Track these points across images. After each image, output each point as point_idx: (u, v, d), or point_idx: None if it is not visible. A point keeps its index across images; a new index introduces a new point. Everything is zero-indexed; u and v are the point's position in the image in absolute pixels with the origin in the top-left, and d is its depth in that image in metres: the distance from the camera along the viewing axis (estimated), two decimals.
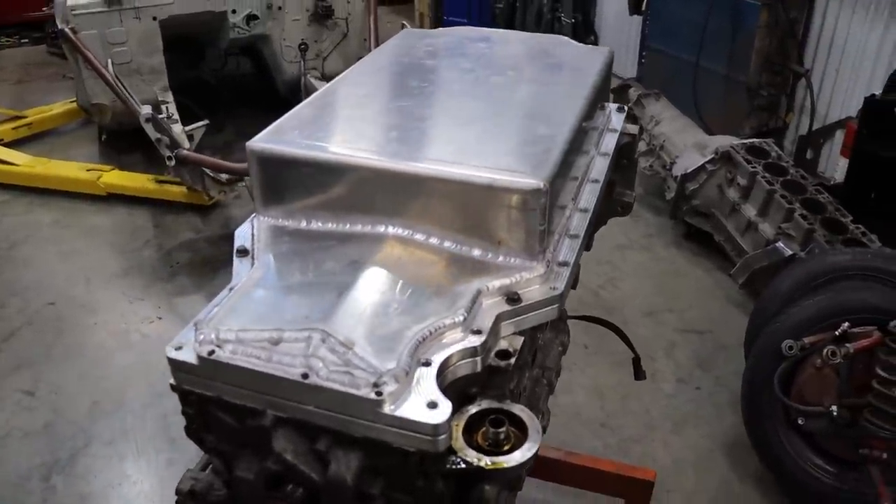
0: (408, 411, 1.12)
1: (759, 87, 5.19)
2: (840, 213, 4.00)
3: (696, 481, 3.25)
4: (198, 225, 5.08)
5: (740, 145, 4.44)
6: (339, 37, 5.87)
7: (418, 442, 1.13)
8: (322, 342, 1.18)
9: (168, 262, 4.72)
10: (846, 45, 4.90)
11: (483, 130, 1.54)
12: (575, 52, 1.95)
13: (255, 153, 1.50)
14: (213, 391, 1.23)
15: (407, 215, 1.42)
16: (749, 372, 3.17)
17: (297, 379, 1.15)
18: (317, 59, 5.88)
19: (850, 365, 2.86)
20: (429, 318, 1.24)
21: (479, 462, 1.16)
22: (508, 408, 1.25)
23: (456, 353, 1.22)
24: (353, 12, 5.83)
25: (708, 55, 5.43)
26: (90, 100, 5.39)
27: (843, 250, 3.52)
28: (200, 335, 1.22)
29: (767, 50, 5.06)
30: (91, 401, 3.68)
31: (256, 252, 1.43)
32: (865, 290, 3.10)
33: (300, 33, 5.71)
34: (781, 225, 4.05)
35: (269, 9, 5.56)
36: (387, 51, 1.99)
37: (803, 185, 4.19)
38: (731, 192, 4.43)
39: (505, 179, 1.33)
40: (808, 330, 2.99)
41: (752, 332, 3.51)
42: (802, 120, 5.29)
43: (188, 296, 4.42)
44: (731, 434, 3.44)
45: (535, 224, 1.33)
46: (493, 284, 1.33)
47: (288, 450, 1.18)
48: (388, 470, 1.19)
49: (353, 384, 1.13)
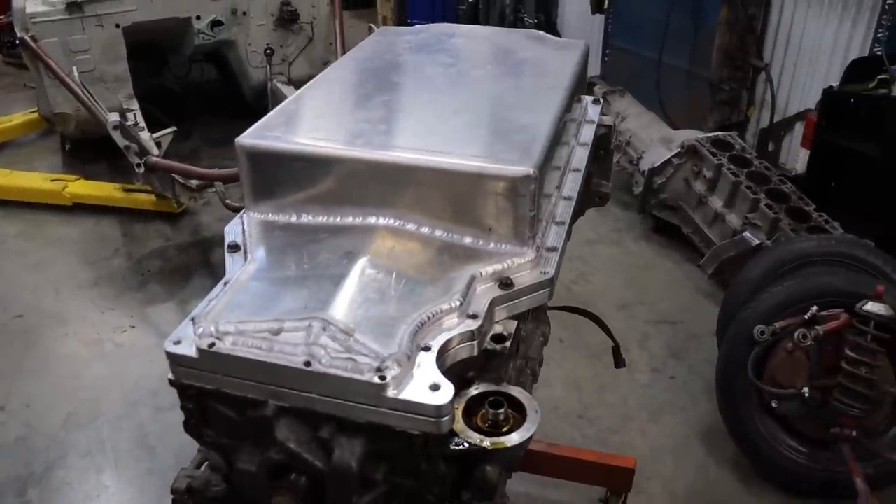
0: (411, 394, 1.14)
1: (720, 82, 5.30)
2: (803, 202, 4.11)
3: (675, 467, 3.31)
4: (167, 233, 5.04)
5: (705, 139, 4.54)
6: (305, 41, 5.86)
7: (422, 424, 1.15)
8: (323, 330, 1.20)
9: (138, 270, 4.67)
10: (802, 40, 5.03)
11: (468, 121, 1.57)
12: (552, 45, 1.99)
13: (244, 149, 1.51)
14: (213, 384, 1.24)
15: (397, 206, 1.44)
16: (723, 358, 3.24)
17: (299, 367, 1.16)
18: (283, 63, 5.87)
19: (820, 347, 2.95)
20: (426, 305, 1.26)
21: (481, 443, 1.19)
22: (506, 390, 1.28)
23: (454, 338, 1.25)
24: (318, 16, 5.83)
25: (670, 52, 5.53)
26: (53, 109, 5.32)
27: (809, 237, 3.61)
28: (199, 328, 1.23)
29: (728, 46, 5.17)
30: (65, 412, 3.62)
31: (249, 246, 1.44)
32: (831, 274, 3.19)
33: (266, 38, 5.69)
34: (748, 215, 4.14)
35: (234, 14, 5.53)
36: (367, 48, 2.01)
37: (767, 175, 4.29)
38: (697, 185, 4.52)
39: (495, 167, 1.36)
40: (778, 315, 3.07)
41: (723, 319, 3.59)
42: (763, 113, 5.42)
43: (160, 304, 4.38)
44: (706, 420, 3.51)
45: (525, 210, 1.37)
46: (486, 270, 1.36)
47: (291, 439, 1.19)
48: (391, 454, 1.21)
49: (357, 370, 1.14)
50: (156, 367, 3.91)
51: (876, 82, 4.15)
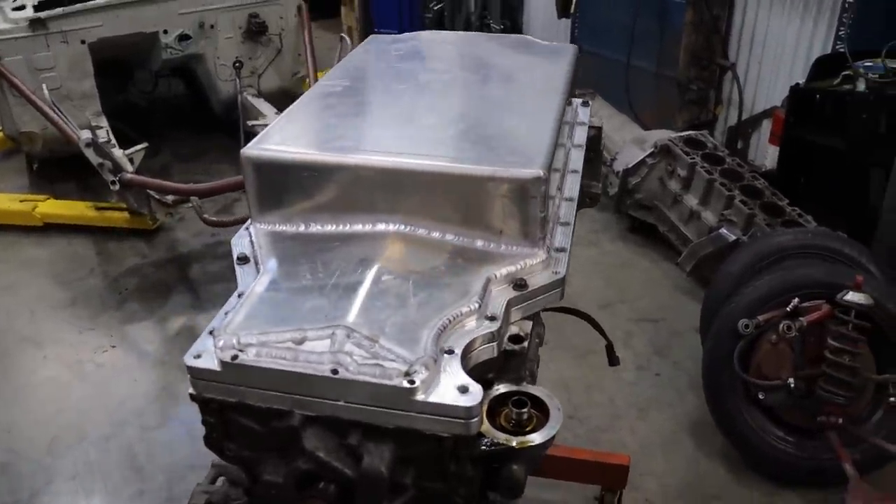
0: (440, 397, 1.15)
1: (688, 82, 5.39)
2: (776, 197, 4.20)
3: (666, 463, 3.35)
4: (143, 250, 4.97)
5: (678, 138, 4.61)
6: (274, 53, 5.84)
7: (451, 426, 1.16)
8: (347, 337, 1.20)
9: (116, 289, 4.60)
10: (766, 39, 5.14)
11: (472, 126, 1.59)
12: (543, 50, 2.02)
13: (250, 160, 1.50)
14: (236, 396, 1.23)
15: (407, 212, 1.45)
16: (708, 353, 3.29)
17: (326, 375, 1.16)
18: (252, 76, 5.83)
19: (803, 338, 3.02)
20: (446, 308, 1.27)
21: (508, 442, 1.20)
22: (527, 389, 1.29)
23: (476, 340, 1.26)
24: (286, 28, 5.81)
25: (638, 54, 5.62)
26: (18, 128, 5.23)
27: (786, 231, 3.69)
28: (220, 341, 1.22)
29: (694, 47, 5.27)
30: (49, 436, 3.55)
31: (259, 258, 1.43)
32: (810, 266, 3.27)
33: (234, 51, 5.66)
34: (723, 212, 4.22)
35: (202, 27, 5.49)
36: (359, 56, 2.02)
37: (740, 172, 4.38)
38: (672, 184, 4.59)
39: (506, 171, 1.38)
40: (761, 308, 3.13)
41: (706, 315, 3.65)
42: (731, 112, 5.53)
43: (140, 322, 4.32)
44: (693, 415, 3.57)
45: (535, 212, 1.39)
46: (500, 272, 1.37)
47: (320, 447, 1.19)
48: (419, 458, 1.21)
49: (385, 375, 1.15)
50: (140, 386, 3.87)
51: (840, 78, 4.27)
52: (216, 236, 5.05)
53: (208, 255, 4.90)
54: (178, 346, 4.11)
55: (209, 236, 5.05)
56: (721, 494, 3.20)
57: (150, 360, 4.07)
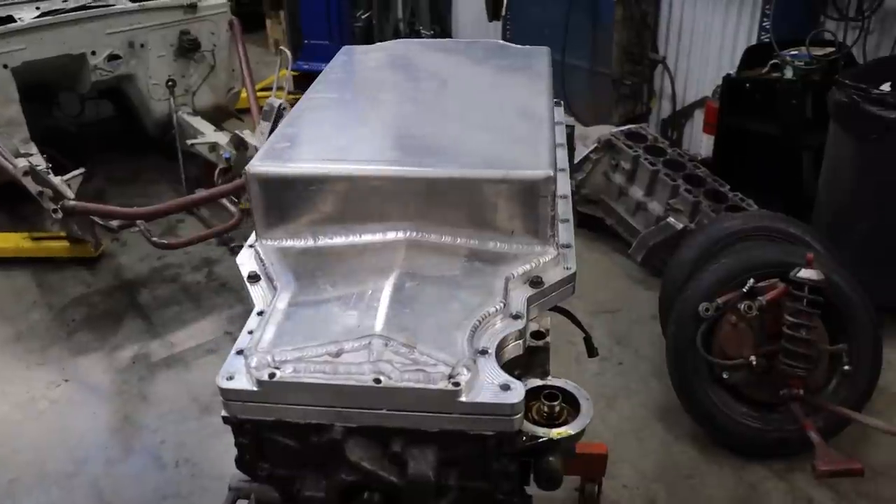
0: (485, 396, 1.17)
1: (622, 77, 5.55)
2: (718, 183, 4.37)
3: (639, 448, 3.44)
4: (87, 279, 4.81)
5: (619, 132, 4.74)
6: (207, 70, 5.73)
7: (496, 424, 1.18)
8: (385, 346, 1.21)
9: (62, 321, 4.44)
10: (693, 32, 5.35)
11: (472, 131, 1.61)
12: (518, 53, 2.07)
13: (256, 177, 1.49)
14: (273, 415, 1.22)
15: (419, 218, 1.47)
16: (672, 338, 3.39)
17: (369, 385, 1.17)
18: (186, 94, 5.71)
19: (762, 316, 3.15)
20: (474, 310, 1.29)
21: (546, 435, 1.23)
22: (555, 382, 1.33)
23: (505, 338, 1.28)
24: (218, 44, 5.70)
25: (572, 53, 5.75)
26: None
27: (734, 216, 3.84)
28: (253, 360, 1.21)
29: (625, 42, 5.43)
30: (6, 479, 3.40)
31: (273, 274, 1.42)
32: (762, 247, 3.42)
33: (166, 70, 5.53)
34: (669, 201, 4.36)
35: (131, 47, 5.34)
36: (339, 68, 2.01)
37: (682, 162, 4.53)
38: (616, 178, 4.71)
39: (516, 172, 1.41)
40: (719, 291, 3.25)
41: (664, 302, 3.76)
42: (664, 104, 5.72)
43: (93, 353, 4.18)
44: (660, 400, 3.67)
45: (546, 211, 1.42)
46: (517, 271, 1.40)
47: (364, 458, 1.19)
48: (462, 459, 1.23)
49: (429, 379, 1.16)
50: (99, 419, 3.74)
51: (769, 67, 4.48)
52: (163, 259, 4.93)
53: (156, 280, 4.77)
54: (135, 374, 3.99)
55: (156, 260, 4.93)
56: (694, 473, 3.31)
57: (108, 391, 3.94)
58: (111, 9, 5.29)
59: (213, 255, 5.00)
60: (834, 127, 3.89)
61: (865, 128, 3.65)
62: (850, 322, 3.18)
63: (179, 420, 3.68)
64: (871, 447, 3.34)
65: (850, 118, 3.73)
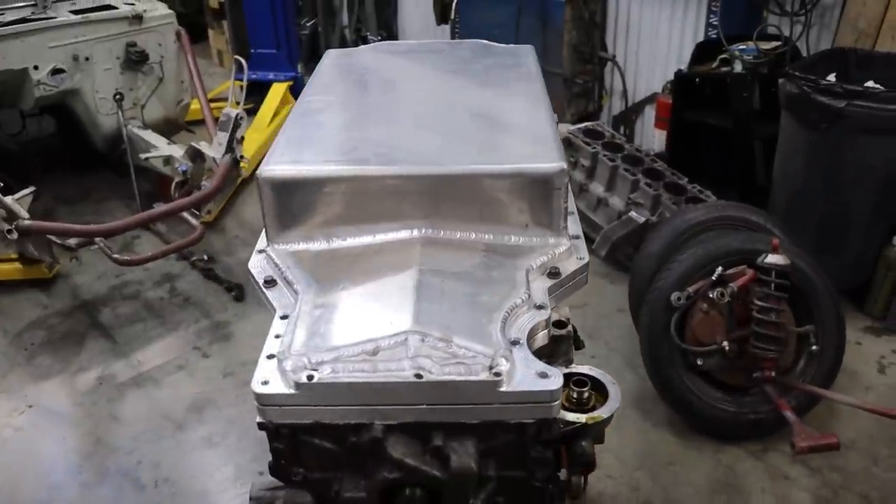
0: (524, 385, 1.19)
1: (573, 76, 5.64)
2: (676, 176, 4.48)
3: (618, 438, 3.49)
4: (43, 300, 4.65)
5: (577, 130, 4.82)
6: (156, 82, 5.60)
7: (535, 411, 1.20)
8: (422, 342, 1.21)
9: (20, 345, 4.28)
10: (641, 29, 5.48)
11: (478, 128, 1.63)
12: (505, 52, 2.09)
13: (269, 181, 1.48)
14: (311, 418, 1.22)
15: (433, 216, 1.48)
16: (646, 328, 3.46)
17: (410, 380, 1.17)
18: (135, 107, 5.57)
19: (732, 303, 3.25)
20: (501, 302, 1.31)
21: (580, 420, 1.25)
22: (581, 370, 1.35)
23: (535, 328, 1.30)
24: (166, 55, 5.58)
25: None
26: None
27: (696, 207, 3.94)
28: (288, 364, 1.20)
29: (576, 42, 5.52)
30: None
31: (292, 278, 1.41)
32: (726, 236, 3.51)
33: (113, 83, 5.38)
34: (630, 196, 4.45)
35: (76, 60, 5.18)
36: (328, 71, 2.00)
37: (639, 157, 4.63)
38: (576, 174, 4.79)
39: (531, 166, 1.44)
40: (689, 280, 3.34)
41: (633, 294, 3.84)
42: (615, 101, 5.84)
43: (56, 376, 4.05)
44: (634, 391, 3.74)
45: (559, 203, 1.45)
46: (535, 263, 1.43)
47: (407, 454, 1.20)
48: (499, 449, 1.24)
49: (471, 372, 1.17)
50: (70, 442, 3.63)
51: (718, 62, 4.62)
52: (121, 277, 4.81)
53: (117, 298, 4.65)
54: (103, 395, 3.89)
55: (114, 278, 4.80)
56: (674, 459, 3.38)
57: (76, 414, 3.82)
58: (53, 21, 5.12)
59: (174, 270, 4.90)
60: (785, 117, 4.03)
61: (816, 117, 3.80)
62: (815, 304, 3.30)
63: (154, 439, 3.59)
64: (837, 423, 3.47)
65: (800, 108, 3.87)
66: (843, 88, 3.70)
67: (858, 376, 3.77)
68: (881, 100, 3.65)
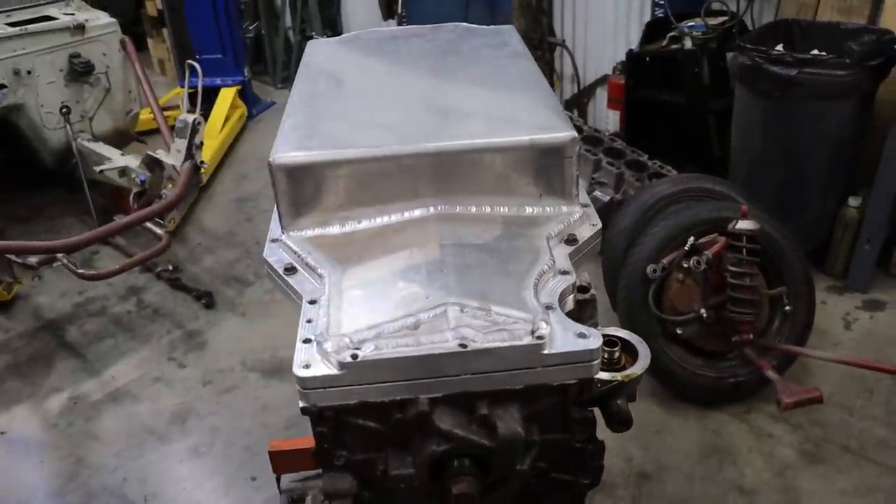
0: (566, 346, 1.21)
1: None
2: (637, 154, 4.56)
3: None
4: (3, 324, 4.50)
5: None
6: (103, 93, 5.46)
7: (577, 372, 1.22)
8: (461, 312, 1.22)
9: None
10: (588, 13, 5.57)
11: (481, 103, 1.64)
12: (489, 32, 2.10)
13: (282, 168, 1.46)
14: (356, 397, 1.21)
15: (448, 192, 1.48)
16: (624, 302, 3.52)
17: (456, 350, 1.18)
18: (83, 120, 5.42)
19: (706, 270, 3.33)
20: (530, 269, 1.32)
21: (615, 378, 1.28)
22: (609, 331, 1.38)
23: (564, 293, 1.32)
24: (112, 65, 5.45)
25: None
26: None
27: (661, 182, 4.02)
28: (329, 345, 1.20)
29: (525, 29, 5.56)
30: None
31: (314, 263, 1.40)
32: (695, 207, 3.59)
33: (59, 96, 5.22)
34: (593, 176, 4.51)
35: (17, 75, 5.02)
36: (318, 60, 1.98)
37: (599, 137, 4.70)
38: None
39: (544, 136, 1.45)
40: (662, 252, 3.42)
41: (608, 270, 3.90)
42: (566, 85, 5.92)
43: (27, 400, 3.93)
44: None
45: (572, 171, 1.47)
46: (553, 231, 1.45)
47: (455, 425, 1.20)
48: (541, 413, 1.26)
49: (514, 337, 1.19)
50: (49, 466, 3.53)
51: (668, 40, 4.71)
52: (85, 293, 4.68)
53: (82, 315, 4.53)
54: (79, 414, 3.79)
55: (77, 295, 4.68)
56: (662, 428, 3.45)
57: (52, 436, 3.71)
58: None
59: (138, 282, 4.80)
60: (739, 88, 4.14)
61: (769, 86, 3.92)
62: (786, 266, 3.40)
63: (138, 454, 3.52)
64: (812, 380, 3.59)
65: (754, 79, 3.98)
66: (793, 57, 3.83)
67: (827, 334, 3.91)
68: (830, 66, 3.78)
